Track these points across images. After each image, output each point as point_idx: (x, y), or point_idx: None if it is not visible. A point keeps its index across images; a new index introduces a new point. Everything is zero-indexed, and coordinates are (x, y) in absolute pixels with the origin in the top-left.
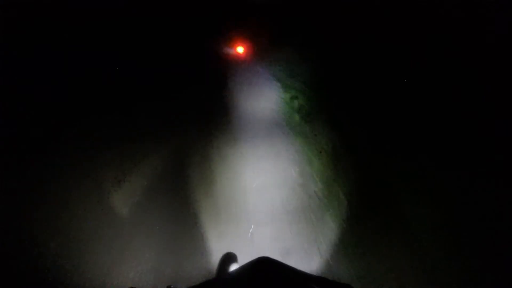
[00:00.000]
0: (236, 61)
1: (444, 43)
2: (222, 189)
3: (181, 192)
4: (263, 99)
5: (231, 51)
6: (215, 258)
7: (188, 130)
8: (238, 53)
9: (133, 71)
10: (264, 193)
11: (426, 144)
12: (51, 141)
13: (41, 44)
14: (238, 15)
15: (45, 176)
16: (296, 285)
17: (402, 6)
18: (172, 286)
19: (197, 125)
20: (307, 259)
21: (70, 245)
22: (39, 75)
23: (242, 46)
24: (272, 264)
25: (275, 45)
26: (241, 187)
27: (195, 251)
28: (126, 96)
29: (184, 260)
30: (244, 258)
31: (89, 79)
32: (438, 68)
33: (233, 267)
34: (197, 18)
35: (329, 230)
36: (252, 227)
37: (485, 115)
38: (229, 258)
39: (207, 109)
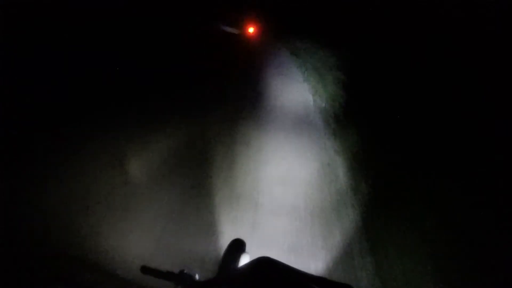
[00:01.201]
0: (263, 51)
1: (444, 43)
2: (242, 177)
3: (199, 176)
4: (291, 90)
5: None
6: (225, 243)
7: (210, 115)
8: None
9: (152, 65)
10: (282, 186)
11: (444, 147)
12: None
13: (41, 44)
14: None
15: (66, 160)
16: (296, 285)
17: (403, 7)
18: (185, 270)
19: (220, 111)
20: (316, 258)
21: (84, 222)
22: (39, 75)
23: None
24: (272, 264)
25: (302, 36)
26: (261, 177)
27: (207, 234)
28: (148, 83)
29: (195, 242)
30: (252, 247)
31: (92, 77)
32: (439, 68)
33: (241, 255)
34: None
35: (343, 230)
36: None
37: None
38: (237, 245)
39: (232, 97)
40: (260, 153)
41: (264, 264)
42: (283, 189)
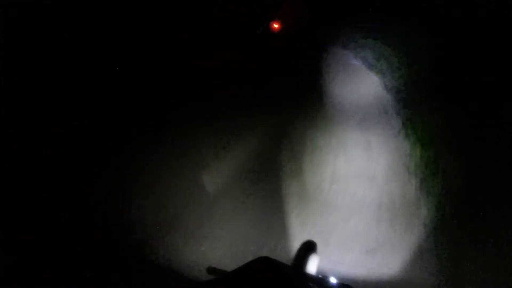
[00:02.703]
0: (323, 44)
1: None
2: (311, 177)
3: (272, 177)
4: (354, 84)
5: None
6: (296, 245)
7: (281, 115)
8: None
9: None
10: (353, 184)
11: None
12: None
13: (41, 44)
14: None
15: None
16: (296, 285)
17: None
18: None
19: (290, 111)
20: (392, 260)
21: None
22: (39, 75)
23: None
24: (272, 264)
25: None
26: (330, 176)
27: (278, 235)
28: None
29: (266, 243)
30: (327, 248)
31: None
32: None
33: (311, 257)
34: None
35: (422, 232)
36: None
37: None
38: (307, 246)
39: (301, 93)
40: (331, 149)
41: (264, 264)
42: (358, 186)
